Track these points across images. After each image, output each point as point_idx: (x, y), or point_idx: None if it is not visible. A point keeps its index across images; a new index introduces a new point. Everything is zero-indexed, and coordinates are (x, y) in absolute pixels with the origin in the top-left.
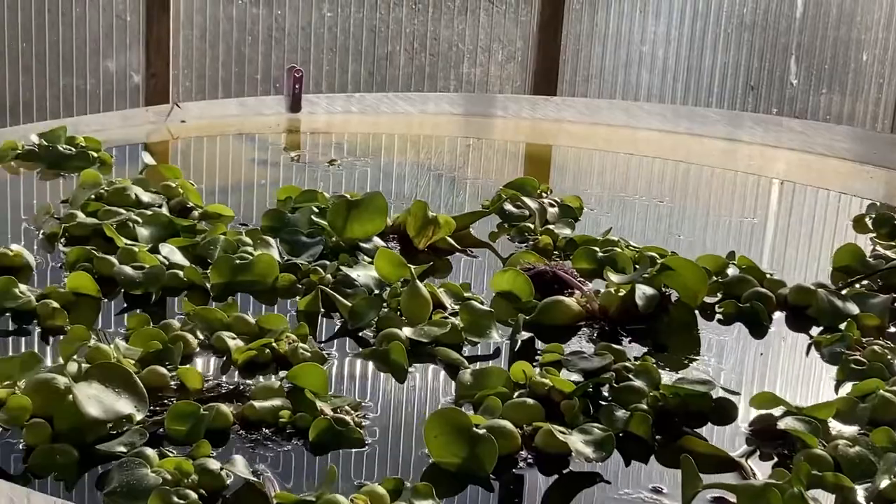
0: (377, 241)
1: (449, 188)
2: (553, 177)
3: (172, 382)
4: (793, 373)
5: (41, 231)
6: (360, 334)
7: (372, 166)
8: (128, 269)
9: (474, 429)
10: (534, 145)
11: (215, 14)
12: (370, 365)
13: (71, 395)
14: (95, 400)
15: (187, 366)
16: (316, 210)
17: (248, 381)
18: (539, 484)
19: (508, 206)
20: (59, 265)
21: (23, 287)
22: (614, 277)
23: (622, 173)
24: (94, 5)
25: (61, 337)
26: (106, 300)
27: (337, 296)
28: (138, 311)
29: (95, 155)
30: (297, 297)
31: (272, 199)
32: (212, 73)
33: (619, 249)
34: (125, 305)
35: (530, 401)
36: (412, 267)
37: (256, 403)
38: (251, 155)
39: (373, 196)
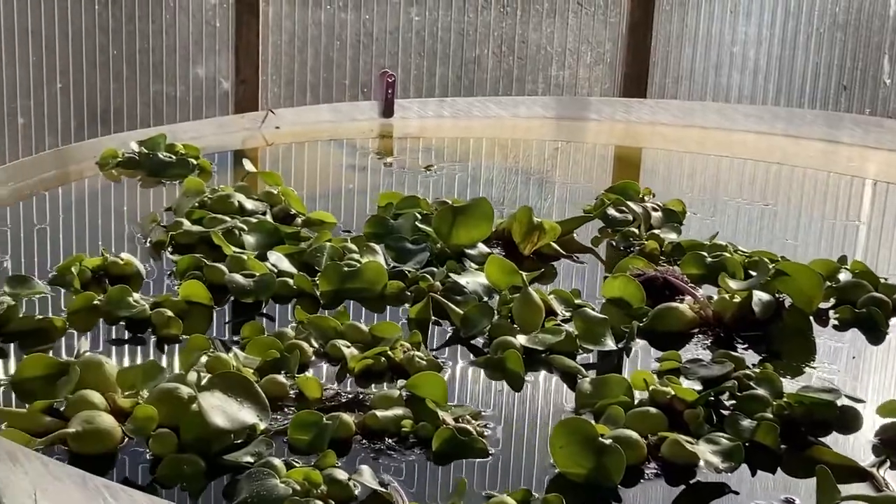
0: (482, 247)
1: (537, 192)
2: (642, 180)
3: (291, 391)
4: None
5: (148, 239)
6: (471, 342)
7: (467, 171)
8: (238, 278)
9: (600, 439)
10: (624, 148)
11: (304, 19)
12: (481, 372)
13: (194, 405)
14: (220, 410)
15: (305, 374)
16: (419, 216)
17: (364, 390)
18: (666, 495)
19: (611, 211)
20: (167, 273)
21: (136, 296)
22: (732, 283)
23: (714, 176)
24: (183, 12)
25: (178, 346)
26: (217, 308)
27: (449, 303)
28: (251, 319)
29: (194, 162)
30: (406, 305)
31: (370, 206)
32: (300, 79)
33: (727, 254)
34: (235, 313)
35: (653, 410)
36: (524, 274)
37: (378, 413)
38: (345, 161)
39: (478, 202)
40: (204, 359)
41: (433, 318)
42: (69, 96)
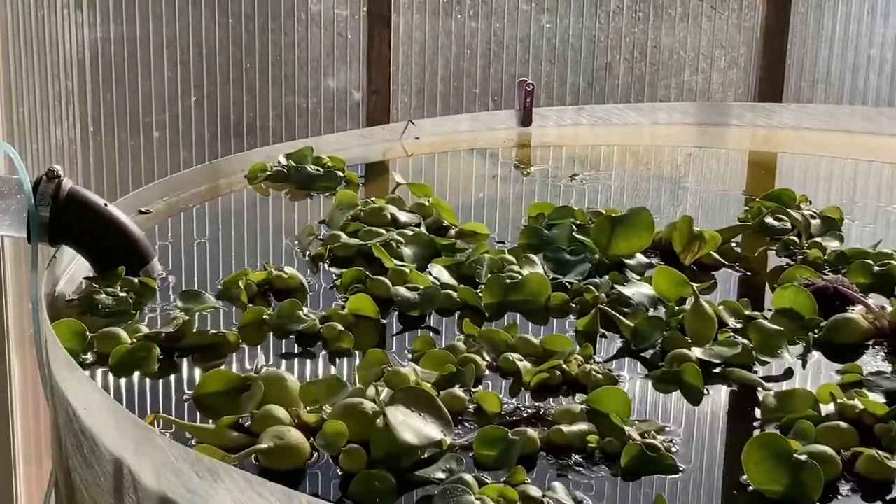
0: (640, 257)
1: (670, 198)
2: (778, 185)
3: (469, 405)
4: None
5: (307, 252)
6: (641, 354)
7: (611, 179)
8: (403, 291)
9: (795, 455)
10: (761, 153)
11: (434, 29)
12: (648, 385)
13: (379, 420)
14: (407, 425)
15: (480, 388)
16: (574, 226)
17: (539, 404)
18: None
19: (769, 219)
20: (329, 286)
21: (305, 310)
22: None
23: (864, 181)
24: (315, 24)
25: (346, 359)
26: (384, 321)
27: (618, 316)
28: (416, 332)
29: (341, 174)
30: (572, 317)
31: (516, 215)
32: (430, 88)
33: (895, 262)
34: (401, 327)
35: (843, 424)
36: (694, 285)
37: (564, 428)
38: (487, 170)
39: (638, 211)
40: (382, 373)
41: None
42: (203, 109)
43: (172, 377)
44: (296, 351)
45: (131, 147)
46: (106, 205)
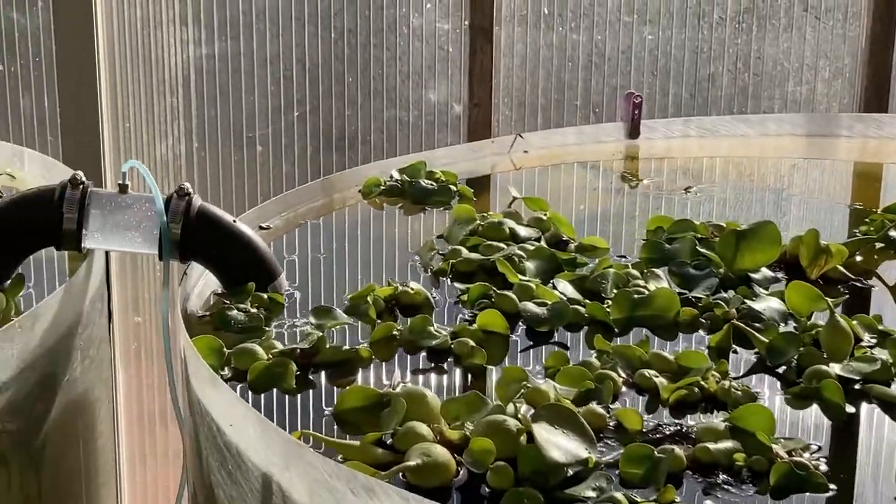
0: (765, 271)
1: (774, 209)
2: (883, 196)
3: (610, 422)
4: None
5: (429, 268)
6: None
7: (725, 191)
8: (532, 306)
9: None
10: (868, 164)
11: (535, 41)
12: (778, 399)
13: (523, 437)
14: (553, 443)
15: (618, 405)
16: (697, 240)
17: (678, 421)
18: None
19: (893, 233)
20: (454, 301)
21: (436, 325)
22: None
23: None
24: (417, 38)
25: (489, 376)
26: (513, 337)
27: (752, 331)
28: (542, 348)
29: (454, 189)
30: (702, 332)
31: (630, 228)
32: (531, 101)
33: None
34: (529, 342)
35: None
36: (829, 300)
37: (710, 446)
38: (596, 183)
39: (763, 225)
40: (521, 390)
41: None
42: (305, 124)
43: (308, 393)
44: (427, 366)
45: (235, 162)
46: (235, 221)
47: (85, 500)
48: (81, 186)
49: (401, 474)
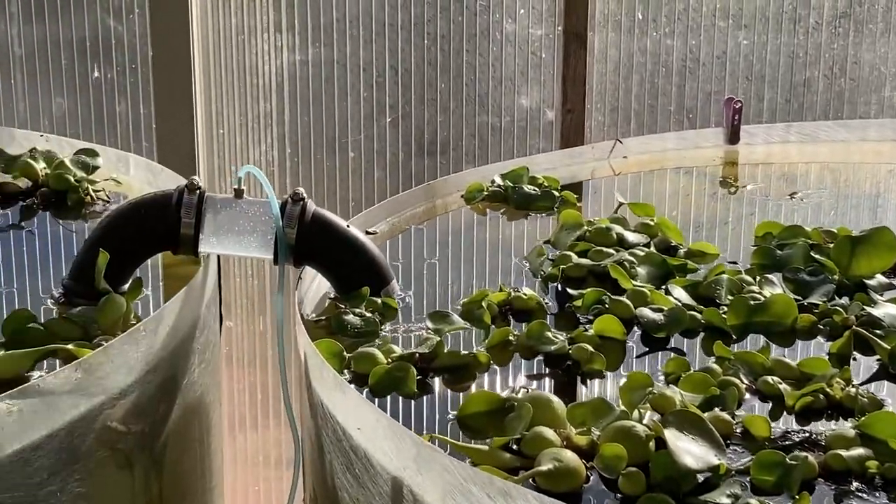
0: (880, 277)
1: (881, 215)
2: None
3: (736, 429)
4: None
5: (539, 273)
6: None
7: (832, 197)
8: (648, 312)
9: None
10: None
11: (629, 47)
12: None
13: (651, 443)
14: (685, 449)
15: (744, 411)
16: (808, 246)
17: (806, 428)
18: None
19: None
20: (566, 306)
21: (553, 330)
22: None
23: None
24: (510, 44)
25: (608, 382)
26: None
27: (874, 338)
28: (657, 353)
29: (557, 194)
30: (821, 339)
31: (736, 233)
32: (624, 106)
33: None
34: (644, 348)
35: None
36: None
37: (843, 453)
38: (697, 189)
39: (879, 231)
40: (647, 395)
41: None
42: (398, 130)
43: (425, 398)
44: (543, 372)
45: (327, 168)
46: (348, 226)
47: (200, 503)
48: (198, 191)
49: (530, 479)
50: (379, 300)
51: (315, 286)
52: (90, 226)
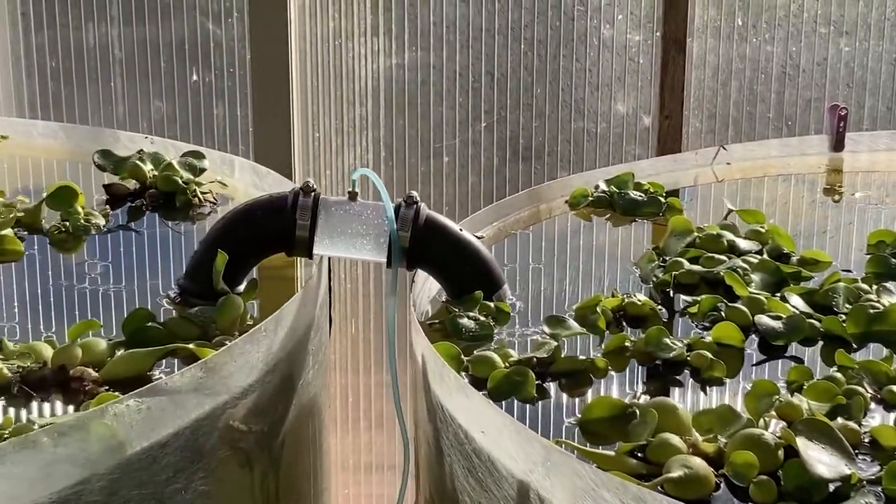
0: None
1: None
2: None
3: (864, 438)
4: None
5: (651, 279)
6: None
7: None
8: (767, 319)
9: None
10: None
11: (728, 53)
12: None
13: (780, 451)
14: (817, 458)
15: (871, 421)
16: None
17: None
18: None
19: None
20: (679, 312)
21: (671, 337)
22: None
23: None
24: (607, 50)
25: (726, 389)
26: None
27: None
28: (775, 361)
29: (664, 200)
30: None
31: (846, 241)
32: (722, 112)
33: None
34: (762, 356)
35: None
36: None
37: None
38: (802, 196)
39: None
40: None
41: None
42: (492, 135)
43: (542, 402)
44: (660, 377)
45: (421, 172)
46: (461, 230)
47: (313, 503)
48: (313, 194)
49: (659, 486)
50: (492, 304)
51: (426, 289)
52: (197, 227)
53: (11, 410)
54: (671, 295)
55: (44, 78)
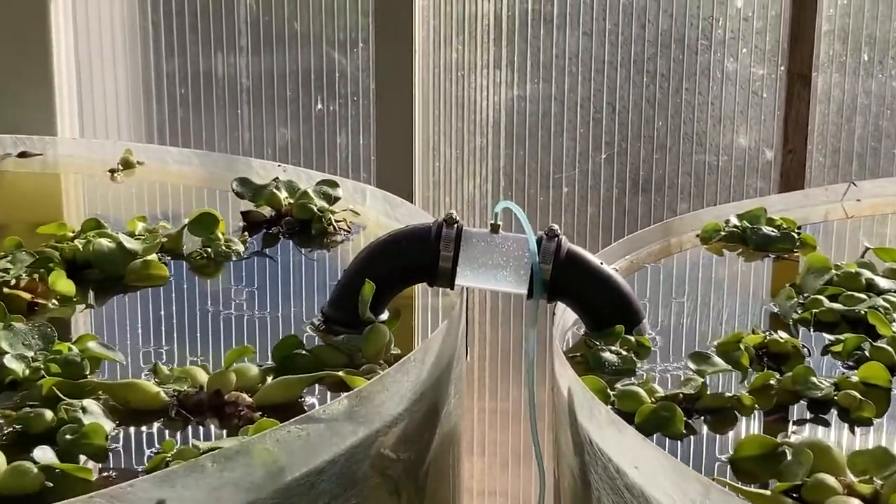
0: None
1: None
2: None
3: None
4: None
5: (788, 317)
6: None
7: None
8: None
9: None
10: None
11: (853, 88)
12: None
13: None
14: None
15: None
16: None
17: None
18: None
19: None
20: (819, 351)
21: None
22: None
23: None
24: (731, 83)
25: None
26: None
27: None
28: None
29: (797, 236)
30: None
31: None
32: (846, 148)
33: None
34: None
35: None
36: None
37: None
38: None
39: None
40: None
41: None
42: (612, 166)
43: (687, 438)
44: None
45: (540, 203)
46: (601, 263)
47: None
48: (456, 225)
49: None
50: (633, 338)
51: (563, 322)
52: (331, 255)
53: (167, 433)
54: (810, 332)
55: (173, 104)
